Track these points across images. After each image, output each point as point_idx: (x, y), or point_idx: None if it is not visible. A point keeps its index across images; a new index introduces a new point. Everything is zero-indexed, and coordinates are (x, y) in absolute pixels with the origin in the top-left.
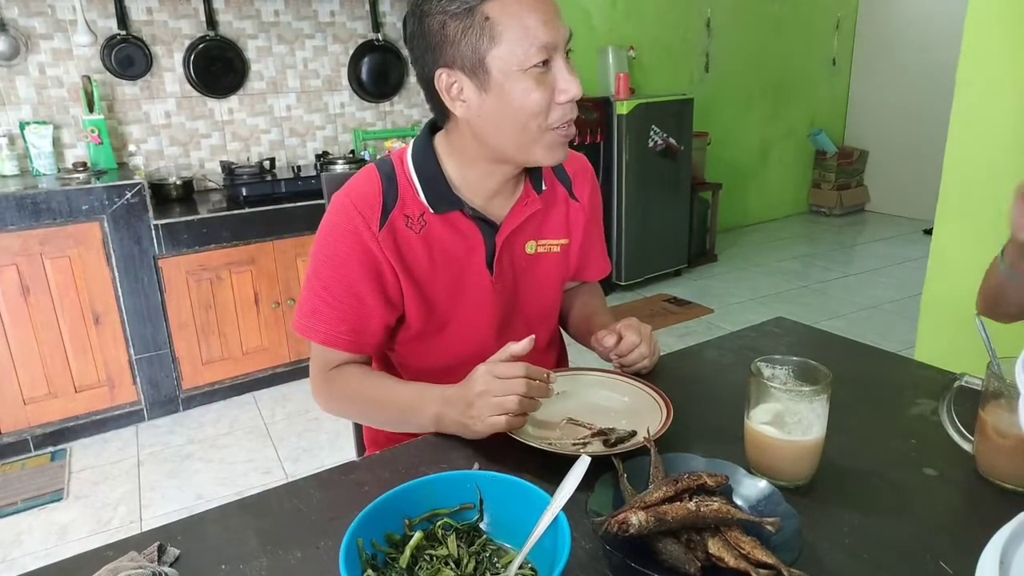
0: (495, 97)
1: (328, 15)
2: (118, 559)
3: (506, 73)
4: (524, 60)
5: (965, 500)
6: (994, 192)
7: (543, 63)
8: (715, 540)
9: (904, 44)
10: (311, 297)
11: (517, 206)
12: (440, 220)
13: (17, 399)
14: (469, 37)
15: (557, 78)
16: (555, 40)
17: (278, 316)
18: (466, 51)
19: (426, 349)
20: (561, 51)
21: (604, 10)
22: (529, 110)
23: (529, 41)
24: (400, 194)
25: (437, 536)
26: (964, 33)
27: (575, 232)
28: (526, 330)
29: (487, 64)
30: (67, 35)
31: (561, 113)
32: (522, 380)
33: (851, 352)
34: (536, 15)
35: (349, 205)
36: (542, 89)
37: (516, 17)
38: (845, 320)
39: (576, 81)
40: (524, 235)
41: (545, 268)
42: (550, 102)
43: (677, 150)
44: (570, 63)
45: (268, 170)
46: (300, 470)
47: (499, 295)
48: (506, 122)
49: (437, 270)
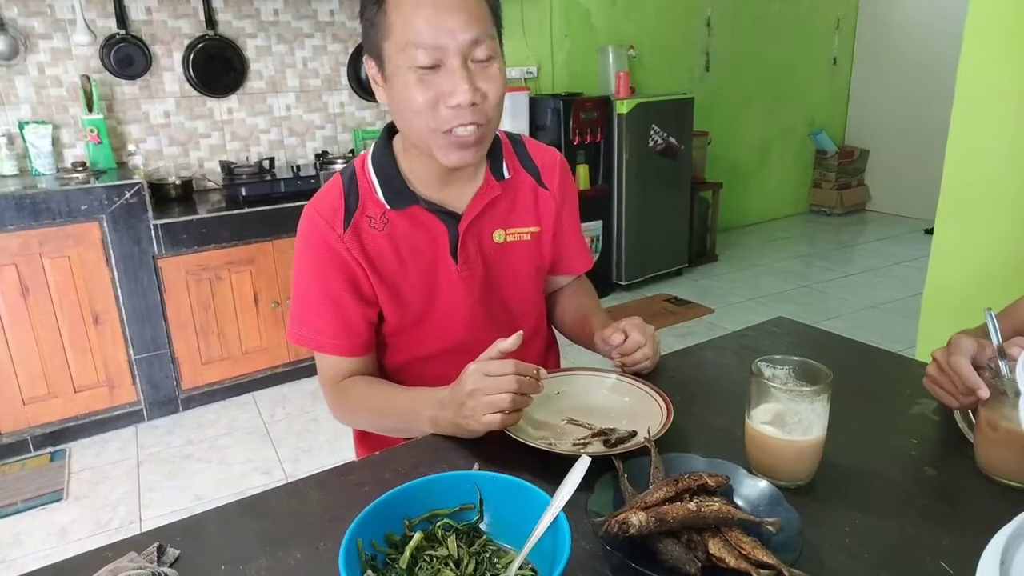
0: (390, 89)
1: (327, 14)
2: (118, 559)
3: (396, 67)
4: (408, 58)
5: (965, 500)
6: (995, 192)
7: (423, 62)
8: (716, 540)
9: (905, 43)
10: (297, 306)
11: (477, 194)
12: (401, 216)
13: (17, 399)
14: (374, 26)
15: (446, 82)
16: (443, 43)
17: (277, 316)
18: (372, 39)
19: (406, 343)
20: (455, 55)
21: (604, 9)
22: (411, 108)
23: (411, 39)
24: (360, 196)
25: (437, 537)
26: (965, 32)
27: (546, 220)
28: (506, 320)
29: (383, 55)
30: (66, 35)
31: (450, 115)
32: (512, 377)
33: (851, 352)
34: (428, 15)
35: (314, 213)
36: (423, 88)
37: (404, 14)
38: (845, 320)
39: (466, 87)
40: (490, 224)
41: (516, 256)
42: (436, 103)
43: (677, 149)
44: (471, 68)
45: (267, 170)
46: (300, 471)
47: (468, 284)
48: (400, 116)
49: (406, 266)
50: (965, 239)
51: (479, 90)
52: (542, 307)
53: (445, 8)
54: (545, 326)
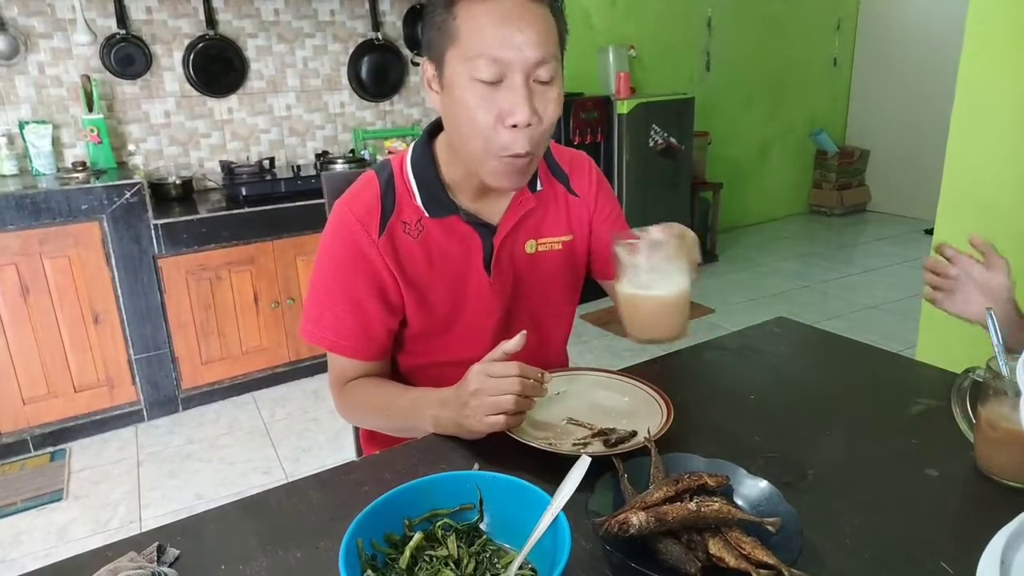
0: (447, 97)
1: (328, 14)
2: (117, 559)
3: (456, 75)
4: (471, 68)
5: (966, 500)
6: (995, 192)
7: (487, 75)
8: (716, 540)
9: (905, 44)
10: (316, 303)
11: (512, 206)
12: (437, 225)
13: (17, 399)
14: (440, 31)
15: (506, 99)
16: (510, 58)
17: (278, 316)
18: (436, 43)
19: (428, 348)
20: (518, 71)
21: (604, 9)
22: (472, 126)
23: (479, 50)
24: (397, 200)
25: (437, 536)
26: (965, 33)
27: (579, 228)
28: (533, 329)
29: (445, 61)
30: (66, 34)
31: (509, 140)
32: (516, 379)
33: (852, 352)
34: (498, 28)
35: (348, 214)
36: (486, 108)
37: (476, 23)
38: (846, 320)
39: (526, 108)
40: (522, 235)
41: (547, 266)
42: (495, 125)
43: (678, 150)
44: (532, 88)
45: (268, 169)
46: (300, 470)
47: (498, 295)
48: (457, 129)
49: (436, 274)
50: (965, 239)
51: (536, 112)
52: (571, 319)
53: (518, 22)
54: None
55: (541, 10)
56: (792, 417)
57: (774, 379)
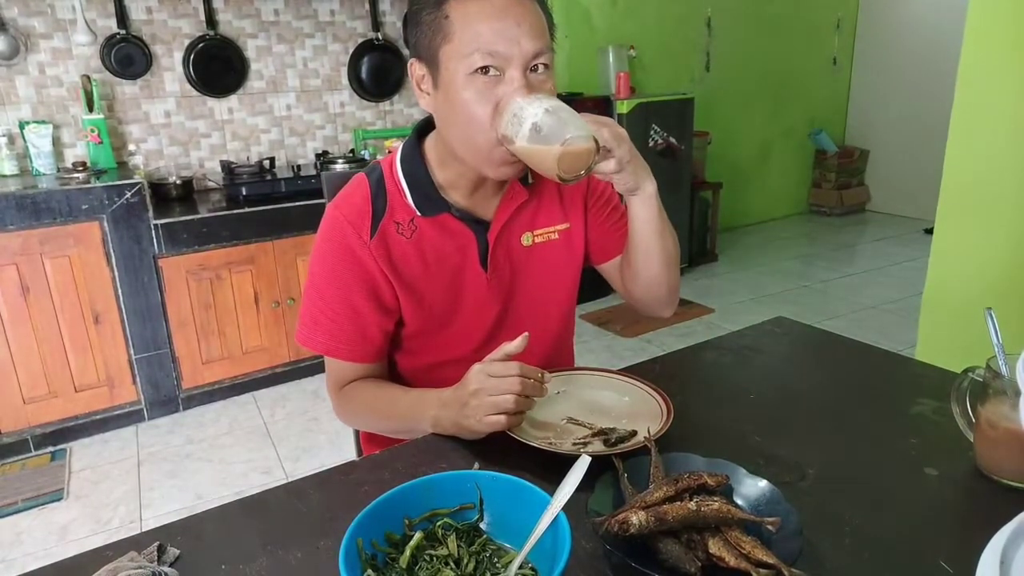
0: (443, 96)
1: (328, 14)
2: (118, 559)
3: (453, 73)
4: (469, 65)
5: (966, 500)
6: (995, 192)
7: (484, 70)
8: (715, 540)
9: (905, 43)
10: (310, 308)
11: (504, 201)
12: (430, 223)
13: (17, 399)
14: (432, 29)
15: (505, 92)
16: (506, 51)
17: (278, 316)
18: (427, 42)
19: (427, 346)
20: (517, 65)
21: (604, 9)
22: (471, 121)
23: (476, 46)
24: (389, 201)
25: (437, 536)
26: (965, 32)
27: (573, 214)
28: (531, 320)
29: (439, 60)
30: (67, 34)
31: None
32: (516, 379)
33: (852, 352)
34: (491, 22)
35: (339, 217)
36: (484, 102)
37: (470, 20)
38: (846, 320)
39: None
40: (517, 228)
41: (545, 257)
42: (495, 116)
43: (678, 149)
44: (530, 80)
45: (268, 169)
46: (300, 470)
47: (495, 291)
48: (455, 127)
49: (431, 273)
50: (965, 239)
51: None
52: (572, 307)
53: (514, 17)
54: (574, 329)
55: (531, 4)
56: (792, 417)
57: (774, 379)
